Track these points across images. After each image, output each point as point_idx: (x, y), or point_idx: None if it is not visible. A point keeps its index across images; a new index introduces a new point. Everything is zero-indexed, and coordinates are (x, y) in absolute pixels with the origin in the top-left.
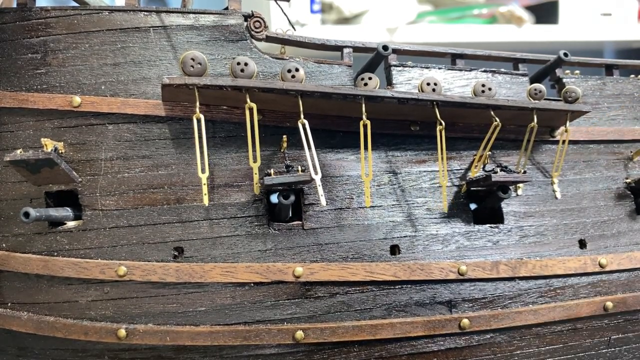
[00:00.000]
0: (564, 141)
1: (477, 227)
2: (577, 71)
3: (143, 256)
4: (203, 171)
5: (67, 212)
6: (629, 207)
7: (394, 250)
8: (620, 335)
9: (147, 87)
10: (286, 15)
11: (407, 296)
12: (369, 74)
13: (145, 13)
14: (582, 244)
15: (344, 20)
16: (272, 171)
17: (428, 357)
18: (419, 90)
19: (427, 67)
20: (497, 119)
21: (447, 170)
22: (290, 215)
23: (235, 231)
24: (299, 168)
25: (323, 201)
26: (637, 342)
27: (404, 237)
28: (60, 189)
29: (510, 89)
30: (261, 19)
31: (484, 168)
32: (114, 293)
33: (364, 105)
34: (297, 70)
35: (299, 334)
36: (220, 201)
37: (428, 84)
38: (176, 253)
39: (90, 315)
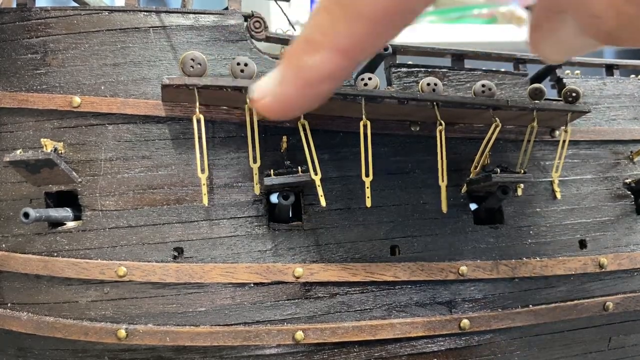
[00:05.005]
0: (564, 141)
1: (477, 227)
2: (578, 71)
3: (143, 257)
4: (202, 171)
5: (66, 212)
6: (629, 208)
7: (394, 250)
8: (620, 336)
9: (146, 87)
10: (286, 15)
11: (407, 296)
12: (369, 74)
13: (145, 13)
14: (582, 244)
15: None
16: (272, 171)
17: (428, 357)
18: (419, 90)
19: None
20: (497, 119)
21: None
22: (290, 215)
23: (235, 231)
24: (299, 168)
25: (323, 202)
26: (637, 343)
27: (404, 237)
28: (60, 190)
29: (511, 89)
30: (261, 19)
31: (484, 168)
32: (114, 293)
33: (363, 105)
34: None
35: (299, 335)
36: (220, 201)
37: (428, 84)
38: (176, 253)
39: (90, 315)
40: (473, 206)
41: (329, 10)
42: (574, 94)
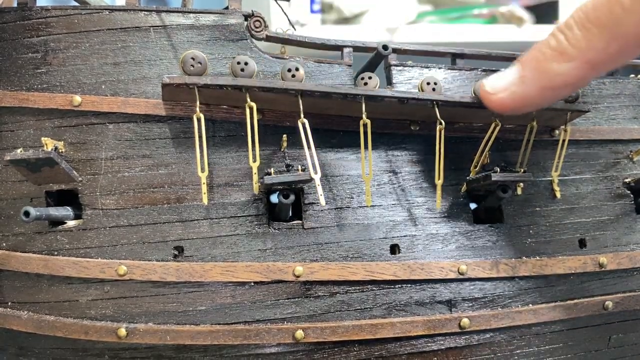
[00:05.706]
0: (563, 140)
1: (477, 226)
2: None
3: (143, 255)
4: (202, 170)
5: (67, 211)
6: (628, 207)
7: (394, 249)
8: (620, 335)
9: (147, 86)
10: (286, 15)
11: (407, 295)
12: (369, 73)
13: (146, 12)
14: (582, 243)
15: (344, 20)
16: (272, 170)
17: (428, 357)
18: (418, 90)
19: (427, 67)
20: (496, 118)
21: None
22: (291, 214)
23: (236, 230)
24: (299, 167)
25: (322, 201)
26: (637, 342)
27: (404, 236)
28: (60, 188)
29: None
30: (261, 18)
31: (484, 167)
32: (114, 292)
33: (364, 105)
34: (297, 69)
35: (299, 333)
36: (220, 200)
37: (428, 84)
38: (176, 252)
39: (90, 314)
40: (473, 205)
41: (587, 28)
42: (573, 94)
